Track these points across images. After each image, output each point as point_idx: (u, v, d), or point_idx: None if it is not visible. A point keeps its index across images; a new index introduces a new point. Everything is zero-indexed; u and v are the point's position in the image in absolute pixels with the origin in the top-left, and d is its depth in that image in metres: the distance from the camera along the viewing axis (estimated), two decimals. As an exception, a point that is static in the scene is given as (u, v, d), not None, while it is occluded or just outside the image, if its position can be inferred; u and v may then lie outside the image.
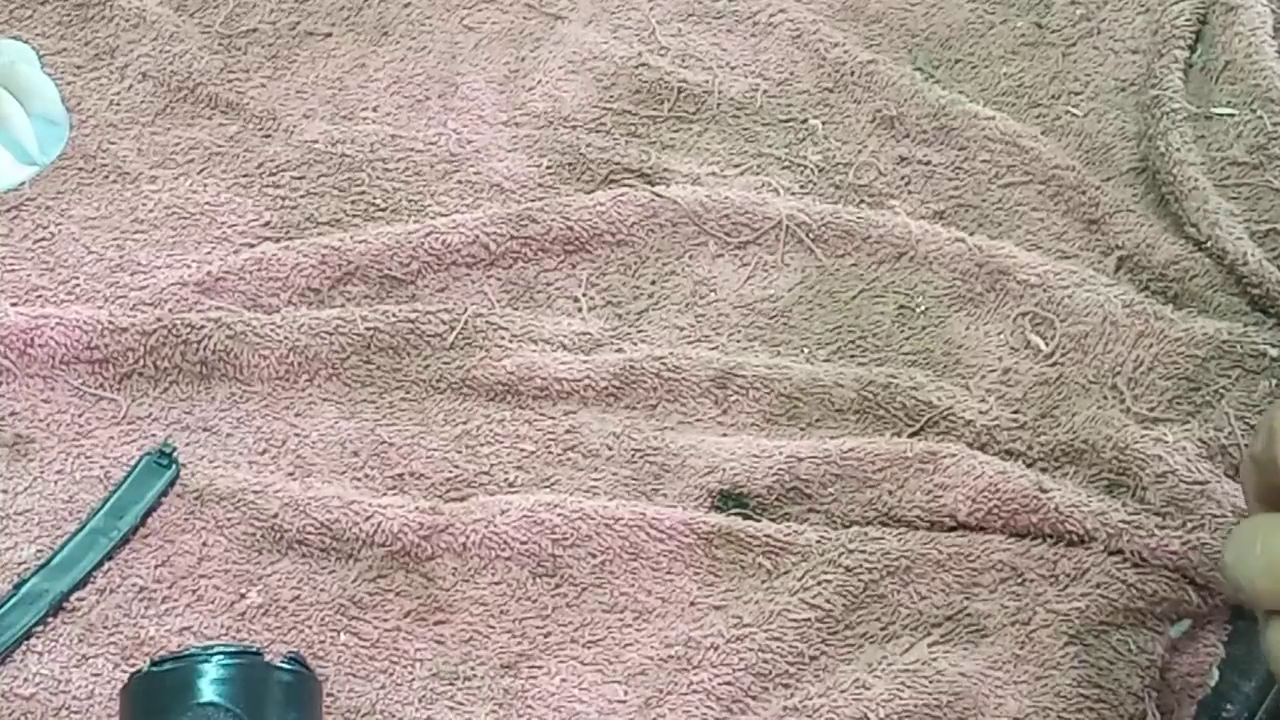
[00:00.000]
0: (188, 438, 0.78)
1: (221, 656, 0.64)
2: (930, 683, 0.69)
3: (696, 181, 0.85)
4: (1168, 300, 0.80)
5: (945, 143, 0.87)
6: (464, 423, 0.78)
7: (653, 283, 0.83)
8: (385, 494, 0.76)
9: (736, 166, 0.86)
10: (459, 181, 0.86)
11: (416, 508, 0.74)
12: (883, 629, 0.71)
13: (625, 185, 0.85)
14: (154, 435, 0.78)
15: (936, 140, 0.87)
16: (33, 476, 0.76)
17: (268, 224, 0.85)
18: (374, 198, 0.86)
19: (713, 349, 0.80)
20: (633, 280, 0.83)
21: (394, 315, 0.80)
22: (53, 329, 0.79)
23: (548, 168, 0.87)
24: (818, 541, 0.73)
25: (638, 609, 0.72)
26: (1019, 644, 0.70)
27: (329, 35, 0.93)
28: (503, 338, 0.80)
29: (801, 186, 0.86)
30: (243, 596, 0.73)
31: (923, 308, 0.81)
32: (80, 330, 0.79)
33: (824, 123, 0.88)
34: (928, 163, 0.86)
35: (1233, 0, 0.89)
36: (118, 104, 0.89)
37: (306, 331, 0.80)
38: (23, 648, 0.71)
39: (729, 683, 0.70)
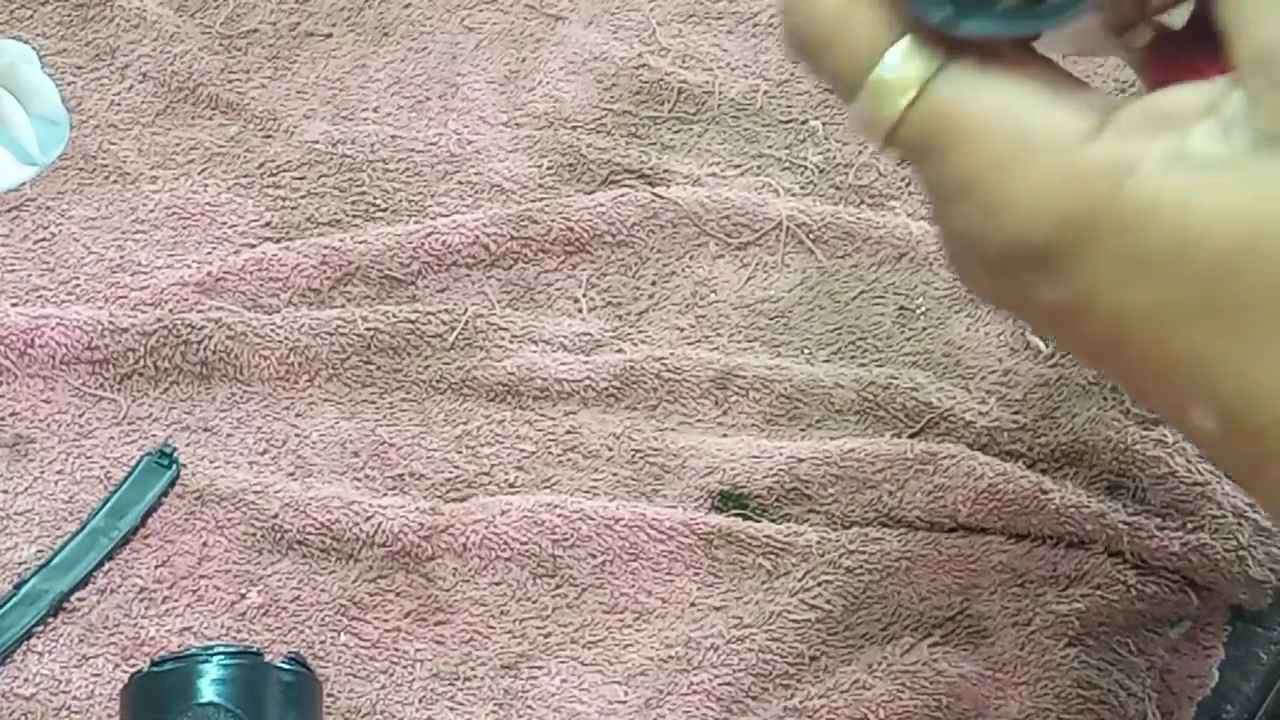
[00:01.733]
0: (188, 438, 0.78)
1: (221, 657, 0.64)
2: (930, 684, 0.69)
3: (697, 182, 0.85)
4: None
5: (945, 144, 0.87)
6: (464, 423, 0.78)
7: (653, 283, 0.83)
8: (385, 494, 0.76)
9: (737, 167, 0.86)
10: (459, 182, 0.86)
11: (417, 508, 0.74)
12: (883, 630, 0.71)
13: (625, 186, 0.85)
14: (154, 435, 0.78)
15: (937, 141, 0.87)
16: (33, 476, 0.76)
17: (268, 224, 0.85)
18: (374, 198, 0.86)
19: (713, 350, 0.80)
20: (633, 281, 0.83)
21: (394, 316, 0.80)
22: (53, 329, 0.79)
23: (548, 168, 0.87)
24: (818, 542, 0.73)
25: (638, 609, 0.72)
26: (1019, 645, 0.70)
27: (329, 36, 0.93)
28: (503, 338, 0.80)
29: (802, 187, 0.86)
30: (243, 597, 0.73)
31: (923, 309, 0.81)
32: (80, 330, 0.79)
33: (824, 124, 0.88)
34: (928, 164, 0.86)
35: (1233, 2, 0.89)
36: (118, 104, 0.89)
37: (307, 332, 0.80)
38: (23, 648, 0.71)
39: (729, 683, 0.70)
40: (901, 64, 0.44)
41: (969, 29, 0.43)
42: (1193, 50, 0.49)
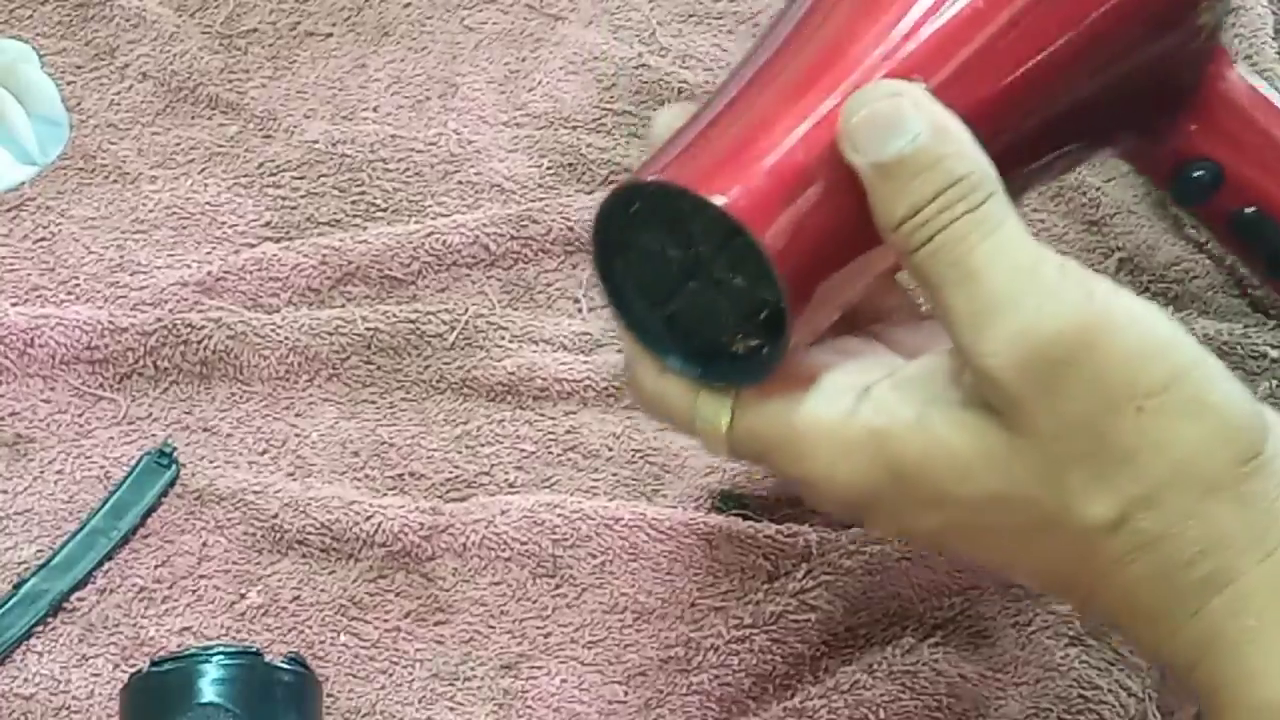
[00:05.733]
0: (188, 438, 0.78)
1: (221, 657, 0.64)
2: (930, 684, 0.69)
3: (697, 182, 0.85)
4: (1168, 301, 0.80)
5: (946, 144, 0.86)
6: (464, 423, 0.78)
7: (653, 283, 0.83)
8: (385, 494, 0.76)
9: (737, 167, 0.86)
10: (459, 182, 0.86)
11: (417, 508, 0.74)
12: (883, 630, 0.71)
13: (625, 186, 0.85)
14: (154, 435, 0.78)
15: (937, 141, 0.87)
16: (33, 476, 0.76)
17: (268, 224, 0.85)
18: (374, 198, 0.86)
19: (713, 350, 0.80)
20: (633, 281, 0.83)
21: (394, 315, 0.80)
22: (53, 329, 0.79)
23: (548, 168, 0.87)
24: (818, 543, 0.73)
25: (638, 610, 0.72)
26: (1019, 646, 0.70)
27: (329, 35, 0.93)
28: (503, 338, 0.80)
29: (802, 187, 0.85)
30: (243, 596, 0.73)
31: (923, 307, 0.81)
32: (80, 330, 0.79)
33: (824, 123, 0.88)
34: (928, 164, 0.86)
35: (1233, 2, 0.89)
36: (118, 104, 0.89)
37: (307, 331, 0.80)
38: (23, 648, 0.71)
39: (729, 684, 0.70)
40: (704, 411, 0.56)
41: (710, 381, 0.56)
42: None
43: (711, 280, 0.55)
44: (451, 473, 0.77)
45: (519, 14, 0.93)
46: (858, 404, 0.54)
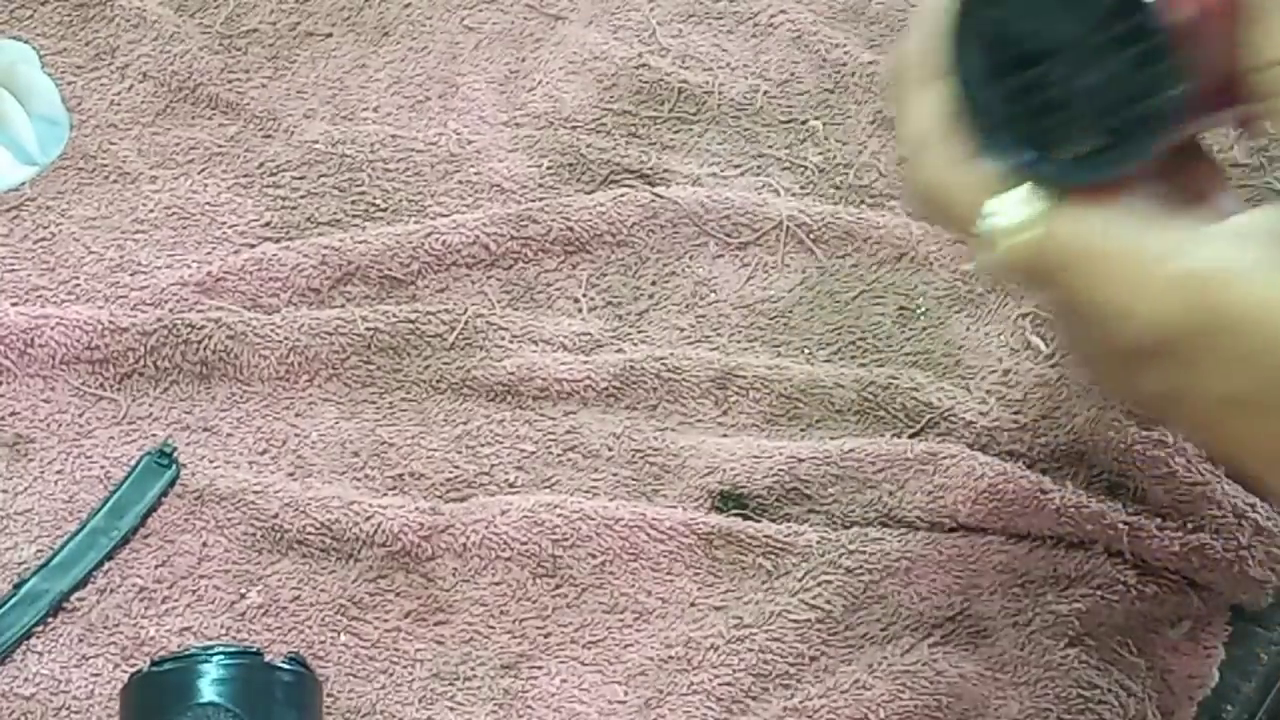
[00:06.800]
0: (188, 438, 0.78)
1: (221, 656, 0.64)
2: (930, 684, 0.69)
3: (697, 182, 0.85)
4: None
5: (946, 144, 0.86)
6: (464, 423, 0.78)
7: (653, 283, 0.83)
8: (385, 494, 0.76)
9: (737, 167, 0.86)
10: (459, 182, 0.86)
11: (416, 508, 0.74)
12: (883, 630, 0.71)
13: (625, 186, 0.85)
14: (154, 435, 0.78)
15: (937, 141, 0.87)
16: (33, 476, 0.76)
17: (268, 224, 0.85)
18: (374, 198, 0.86)
19: (713, 349, 0.80)
20: (633, 281, 0.83)
21: (394, 315, 0.80)
22: (53, 329, 0.79)
23: (548, 168, 0.87)
24: (818, 542, 0.73)
25: (638, 609, 0.72)
26: (1019, 645, 0.70)
27: (329, 35, 0.93)
28: (503, 338, 0.80)
29: (802, 187, 0.86)
30: (243, 596, 0.73)
31: (923, 309, 0.81)
32: (80, 330, 0.79)
33: (825, 124, 0.88)
34: (928, 164, 0.86)
35: (1233, 1, 0.88)
36: (118, 104, 0.89)
37: (306, 331, 0.80)
38: (23, 648, 0.71)
39: (729, 683, 0.70)
40: (1002, 208, 0.51)
41: (1039, 172, 0.51)
42: None
43: (1079, 66, 0.51)
44: (451, 473, 0.77)
45: (519, 14, 0.93)
46: (1191, 243, 0.49)
